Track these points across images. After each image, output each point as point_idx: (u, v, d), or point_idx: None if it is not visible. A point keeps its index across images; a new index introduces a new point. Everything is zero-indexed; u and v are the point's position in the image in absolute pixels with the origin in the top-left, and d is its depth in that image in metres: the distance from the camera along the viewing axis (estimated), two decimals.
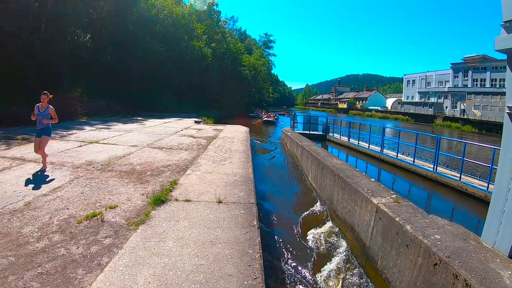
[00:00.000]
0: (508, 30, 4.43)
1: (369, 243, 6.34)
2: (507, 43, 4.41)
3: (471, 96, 61.01)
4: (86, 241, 4.35)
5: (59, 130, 14.77)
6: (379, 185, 7.73)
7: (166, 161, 9.63)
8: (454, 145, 25.40)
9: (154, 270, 3.70)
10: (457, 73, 67.83)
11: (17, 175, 7.26)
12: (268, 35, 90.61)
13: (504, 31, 4.50)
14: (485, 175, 10.43)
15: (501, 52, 4.59)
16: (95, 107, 25.17)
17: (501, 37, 4.53)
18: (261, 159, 17.35)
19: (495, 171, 5.09)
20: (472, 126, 53.77)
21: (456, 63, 68.70)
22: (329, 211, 9.35)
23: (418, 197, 10.89)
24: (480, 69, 62.48)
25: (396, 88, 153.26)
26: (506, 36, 4.44)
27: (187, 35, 42.11)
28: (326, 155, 11.82)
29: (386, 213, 5.76)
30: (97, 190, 6.49)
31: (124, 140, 13.22)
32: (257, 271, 3.85)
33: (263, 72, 73.03)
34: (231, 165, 9.52)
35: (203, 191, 6.77)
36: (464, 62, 66.96)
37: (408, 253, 4.93)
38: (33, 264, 3.71)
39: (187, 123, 23.10)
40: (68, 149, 10.58)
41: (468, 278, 3.71)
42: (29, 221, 4.87)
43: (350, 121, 22.36)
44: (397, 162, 14.67)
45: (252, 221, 5.33)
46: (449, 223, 5.34)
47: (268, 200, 10.55)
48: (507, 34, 4.43)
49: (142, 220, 5.07)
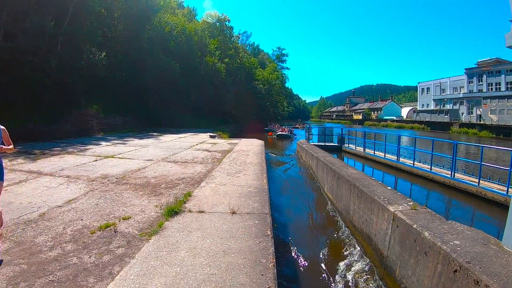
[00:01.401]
0: None
1: (387, 253, 6.16)
2: None
3: (487, 101, 59.99)
4: (99, 250, 4.34)
5: (77, 145, 15.09)
6: (395, 193, 7.56)
7: (180, 174, 9.64)
8: (472, 151, 24.89)
9: (165, 279, 3.65)
10: (472, 78, 66.87)
11: (33, 188, 7.37)
12: (281, 49, 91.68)
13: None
14: (504, 180, 10.15)
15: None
16: (111, 123, 25.64)
17: (510, 33, 4.43)
18: (276, 172, 17.25)
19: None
20: (490, 132, 52.68)
21: (470, 68, 67.81)
22: (345, 221, 9.18)
23: (436, 204, 10.60)
24: (494, 73, 61.48)
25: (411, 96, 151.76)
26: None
27: (200, 51, 42.79)
28: (342, 165, 11.68)
29: (403, 221, 5.60)
30: (111, 202, 6.52)
31: (140, 154, 13.33)
32: (270, 280, 3.75)
33: (277, 86, 73.44)
34: (246, 177, 9.46)
35: (217, 203, 6.72)
36: (478, 66, 66.04)
37: (427, 261, 4.75)
38: (44, 272, 3.72)
39: (202, 138, 23.22)
40: (84, 163, 10.72)
41: (490, 284, 3.54)
42: (43, 231, 4.91)
43: (365, 131, 22.15)
44: (414, 170, 14.40)
45: (266, 231, 5.23)
46: (469, 228, 5.16)
47: (283, 212, 10.42)
48: None
49: (155, 230, 5.04)
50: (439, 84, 77.83)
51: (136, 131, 26.56)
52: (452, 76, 74.05)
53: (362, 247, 7.54)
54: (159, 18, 37.19)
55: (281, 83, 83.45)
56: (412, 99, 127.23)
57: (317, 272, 6.56)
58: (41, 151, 12.55)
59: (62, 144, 15.16)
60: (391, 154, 17.10)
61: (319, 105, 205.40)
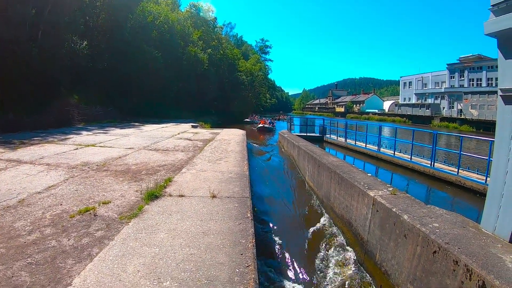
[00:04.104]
0: (496, 13, 4.45)
1: (367, 237, 6.29)
2: (496, 26, 4.42)
3: (468, 96, 60.97)
4: (78, 233, 4.34)
5: (57, 135, 14.79)
6: (375, 179, 7.70)
7: (161, 161, 9.61)
8: (453, 142, 25.44)
9: (144, 259, 3.67)
10: (453, 73, 67.97)
11: (12, 175, 7.26)
12: (265, 41, 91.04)
13: (493, 15, 4.53)
14: (482, 170, 10.42)
15: (491, 36, 4.60)
16: (92, 114, 25.22)
17: (489, 21, 4.55)
18: (257, 160, 17.34)
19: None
20: (470, 126, 53.74)
21: (452, 64, 68.83)
22: (326, 208, 9.34)
23: (416, 192, 10.77)
24: (476, 69, 62.72)
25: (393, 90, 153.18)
26: (494, 20, 4.46)
27: (183, 41, 42.28)
28: (323, 154, 11.82)
29: (383, 205, 5.71)
30: (92, 188, 6.48)
31: (121, 143, 13.20)
32: (249, 259, 3.81)
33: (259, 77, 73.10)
34: (227, 164, 9.51)
35: (197, 187, 6.75)
36: (460, 62, 67.07)
37: (407, 243, 4.86)
38: (23, 255, 3.69)
39: (184, 128, 23.08)
40: (65, 151, 10.57)
41: (469, 263, 3.62)
42: (22, 216, 4.86)
43: (347, 122, 22.36)
44: (395, 160, 14.65)
45: (246, 213, 5.30)
46: (447, 212, 5.28)
47: (263, 200, 10.52)
48: (495, 17, 4.46)
49: (134, 214, 5.05)
50: (421, 78, 78.69)
51: (117, 121, 26.16)
52: (434, 71, 75.01)
53: (343, 233, 7.68)
54: (142, 7, 36.51)
55: (264, 74, 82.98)
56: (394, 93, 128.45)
57: (297, 259, 6.67)
58: (20, 141, 12.29)
59: (42, 134, 14.86)
60: (372, 144, 17.35)
61: (302, 98, 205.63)
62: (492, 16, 4.53)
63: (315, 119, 28.67)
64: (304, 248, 7.28)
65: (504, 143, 4.46)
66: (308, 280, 5.90)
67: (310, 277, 6.02)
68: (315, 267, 6.34)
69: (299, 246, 7.37)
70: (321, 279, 5.92)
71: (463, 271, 3.67)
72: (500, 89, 4.55)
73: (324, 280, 5.86)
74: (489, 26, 4.55)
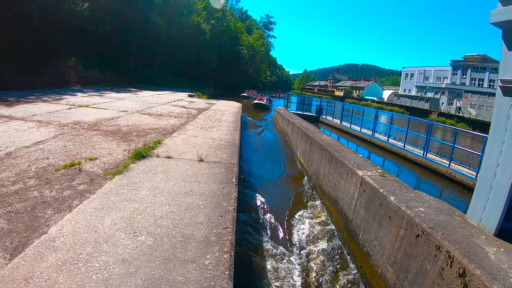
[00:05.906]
0: (504, 3, 4.33)
1: (352, 216, 6.32)
2: (503, 16, 4.30)
3: (468, 95, 60.62)
4: (61, 186, 4.33)
5: (52, 95, 14.65)
6: (366, 160, 7.68)
7: (153, 125, 9.58)
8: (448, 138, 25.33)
9: (123, 214, 3.68)
10: (456, 70, 67.27)
11: (2, 130, 7.19)
12: (269, 17, 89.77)
13: (500, 4, 4.41)
14: (474, 166, 10.39)
15: (496, 26, 4.49)
16: (89, 77, 24.94)
17: (496, 10, 4.42)
18: (250, 134, 17.34)
19: None
20: (467, 125, 53.30)
21: (456, 61, 68.06)
22: (314, 186, 9.38)
23: (405, 178, 10.63)
24: (479, 68, 62.13)
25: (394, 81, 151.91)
26: (502, 9, 4.33)
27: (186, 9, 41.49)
28: (316, 132, 11.81)
29: (371, 185, 5.71)
30: (80, 145, 6.45)
31: (115, 106, 13.12)
32: (228, 222, 3.82)
33: (261, 53, 72.24)
34: (218, 132, 9.52)
35: (186, 151, 6.75)
36: (464, 60, 66.38)
37: (391, 225, 4.87)
38: (3, 204, 3.68)
39: (181, 96, 22.99)
40: (57, 110, 10.49)
41: (451, 250, 3.60)
42: (8, 168, 4.83)
43: (343, 104, 22.24)
44: (388, 146, 14.63)
45: (231, 178, 5.32)
46: (434, 199, 5.25)
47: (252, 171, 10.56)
48: (503, 7, 4.34)
49: (119, 171, 5.05)
50: (423, 71, 77.96)
51: (114, 85, 25.96)
52: (437, 66, 74.26)
53: (329, 211, 7.72)
54: None
55: (266, 51, 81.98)
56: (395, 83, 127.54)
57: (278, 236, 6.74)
58: (15, 99, 12.15)
59: (37, 94, 14.68)
60: (367, 129, 17.30)
61: (302, 78, 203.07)
62: (500, 6, 4.40)
63: (312, 98, 28.42)
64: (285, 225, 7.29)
65: (499, 135, 4.40)
66: (286, 254, 5.95)
67: (288, 250, 6.11)
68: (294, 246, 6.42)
69: (281, 220, 7.41)
70: (297, 254, 6.03)
71: (445, 257, 3.66)
72: (500, 79, 4.49)
73: (303, 258, 5.97)
74: (496, 16, 4.43)
